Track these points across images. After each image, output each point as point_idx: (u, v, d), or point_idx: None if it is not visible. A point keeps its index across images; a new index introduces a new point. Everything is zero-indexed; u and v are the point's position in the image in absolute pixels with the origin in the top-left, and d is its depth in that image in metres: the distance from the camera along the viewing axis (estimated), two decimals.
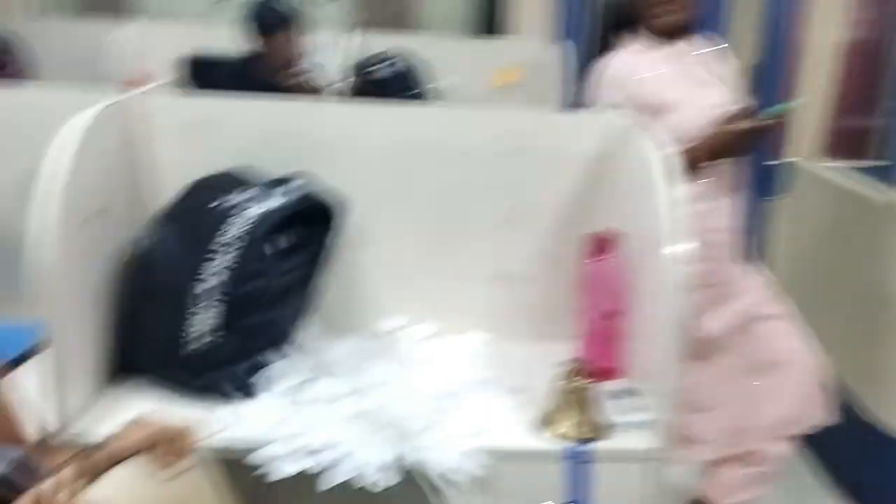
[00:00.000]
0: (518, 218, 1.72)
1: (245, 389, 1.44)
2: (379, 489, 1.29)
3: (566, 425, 1.39)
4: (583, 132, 1.70)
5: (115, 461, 1.07)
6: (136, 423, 1.11)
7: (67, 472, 0.85)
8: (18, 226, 1.69)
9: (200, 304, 1.40)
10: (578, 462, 1.36)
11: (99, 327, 1.50)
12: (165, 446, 1.08)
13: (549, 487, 1.38)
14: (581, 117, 1.86)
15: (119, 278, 1.56)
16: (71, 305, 1.37)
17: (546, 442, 1.39)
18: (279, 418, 1.39)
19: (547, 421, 1.42)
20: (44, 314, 1.30)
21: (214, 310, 1.41)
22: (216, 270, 1.41)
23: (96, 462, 1.07)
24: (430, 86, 2.68)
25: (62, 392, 1.34)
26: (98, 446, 1.08)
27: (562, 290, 1.72)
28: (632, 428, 1.41)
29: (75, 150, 1.35)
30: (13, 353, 1.55)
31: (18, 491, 0.81)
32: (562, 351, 1.59)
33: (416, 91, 2.60)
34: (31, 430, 1.17)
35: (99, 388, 1.50)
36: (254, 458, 1.31)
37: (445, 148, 1.69)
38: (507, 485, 1.37)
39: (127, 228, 1.62)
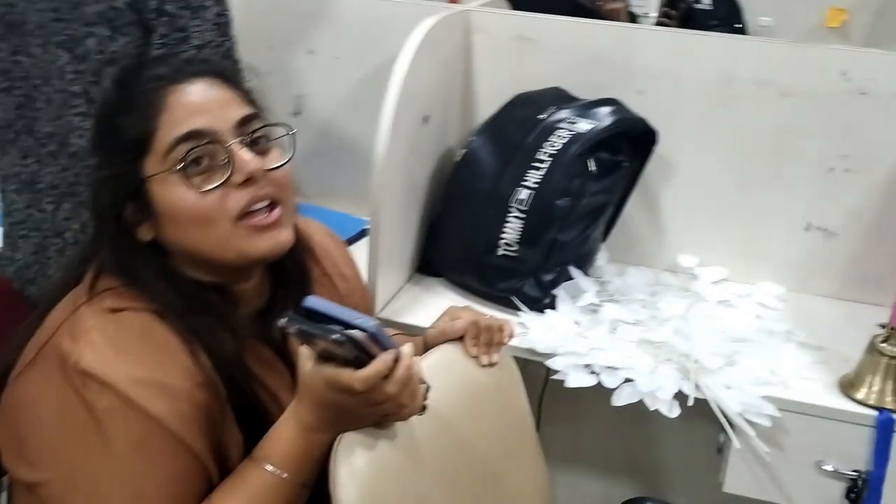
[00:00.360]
0: (846, 168, 1.59)
1: (542, 302, 1.49)
2: (672, 415, 1.29)
3: (874, 392, 1.30)
4: None
5: (444, 340, 1.15)
6: (462, 309, 1.19)
7: (407, 347, 0.92)
8: (357, 127, 1.87)
9: (511, 214, 1.46)
10: (886, 432, 1.27)
11: (413, 226, 1.62)
12: (486, 335, 1.15)
13: (844, 451, 1.30)
14: None
15: (436, 183, 1.66)
16: (394, 202, 1.49)
17: (850, 404, 1.31)
18: (573, 332, 1.43)
19: (850, 383, 1.33)
20: (373, 207, 1.41)
21: (521, 221, 1.46)
22: (530, 183, 1.45)
23: (429, 338, 1.17)
24: (755, 22, 2.53)
25: (377, 279, 1.46)
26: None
27: (883, 251, 1.59)
28: None
29: (412, 57, 1.44)
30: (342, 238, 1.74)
31: (369, 356, 0.87)
32: (871, 316, 1.47)
33: (738, 25, 2.46)
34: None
35: (404, 282, 1.62)
36: (551, 364, 1.36)
37: (770, 86, 1.60)
38: (800, 440, 1.31)
39: (448, 135, 1.73)
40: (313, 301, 0.87)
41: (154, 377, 0.89)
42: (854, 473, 1.30)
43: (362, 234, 1.78)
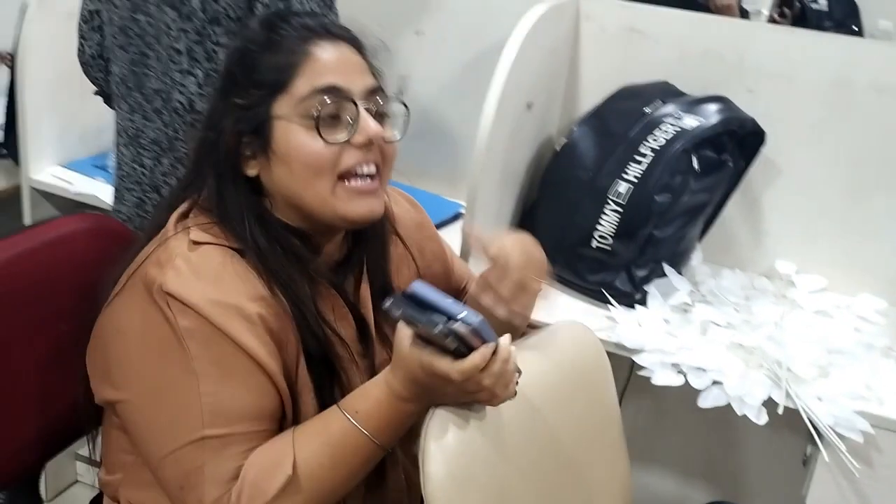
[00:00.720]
0: None
1: (633, 297, 1.48)
2: (760, 422, 1.26)
3: None
4: None
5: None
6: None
7: (505, 339, 0.92)
8: (458, 111, 1.89)
9: (608, 207, 1.45)
10: None
11: (508, 212, 1.62)
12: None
13: None
14: None
15: (533, 170, 1.67)
16: (491, 187, 1.49)
17: None
18: (662, 330, 1.41)
19: None
20: (470, 192, 1.42)
21: (618, 215, 1.45)
22: (630, 177, 1.44)
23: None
24: (873, 25, 2.43)
25: (468, 263, 1.46)
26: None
27: None
28: None
29: (520, 43, 1.44)
30: (435, 220, 1.76)
31: (469, 347, 0.88)
32: None
33: (854, 28, 2.37)
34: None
35: None
36: (639, 360, 1.35)
37: (889, 92, 1.54)
38: (892, 459, 1.27)
39: (550, 123, 1.72)
40: (419, 287, 0.89)
41: (232, 301, 0.94)
42: None
43: (455, 217, 1.80)
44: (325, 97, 0.97)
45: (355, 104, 0.98)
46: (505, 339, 0.92)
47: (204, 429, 0.93)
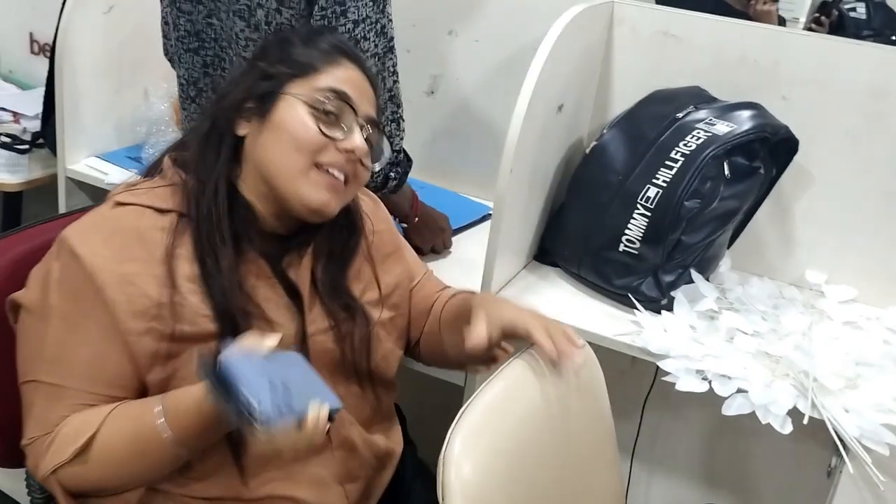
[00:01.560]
0: None
1: (659, 302, 1.47)
2: (785, 432, 1.25)
3: None
4: None
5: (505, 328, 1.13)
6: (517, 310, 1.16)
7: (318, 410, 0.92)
8: (486, 112, 1.89)
9: (637, 211, 1.45)
10: None
11: (536, 213, 1.62)
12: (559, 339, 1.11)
13: None
14: None
15: (562, 172, 1.66)
16: (520, 189, 1.49)
17: None
18: (688, 336, 1.41)
19: None
20: (498, 193, 1.42)
21: (647, 219, 1.45)
22: (660, 181, 1.44)
23: (478, 304, 1.17)
24: None
25: (494, 264, 1.47)
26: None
27: None
28: None
29: (553, 45, 1.43)
30: (464, 221, 1.77)
31: None
32: None
33: (894, 38, 2.35)
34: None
35: (520, 268, 1.64)
36: (664, 365, 1.34)
37: None
38: None
39: (580, 126, 1.72)
40: (229, 365, 0.89)
41: (124, 269, 1.00)
42: None
43: (484, 218, 1.80)
44: (338, 97, 1.08)
45: (356, 116, 1.09)
46: (315, 411, 0.90)
47: (40, 373, 1.01)
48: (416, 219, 1.58)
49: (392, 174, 1.43)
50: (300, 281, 1.12)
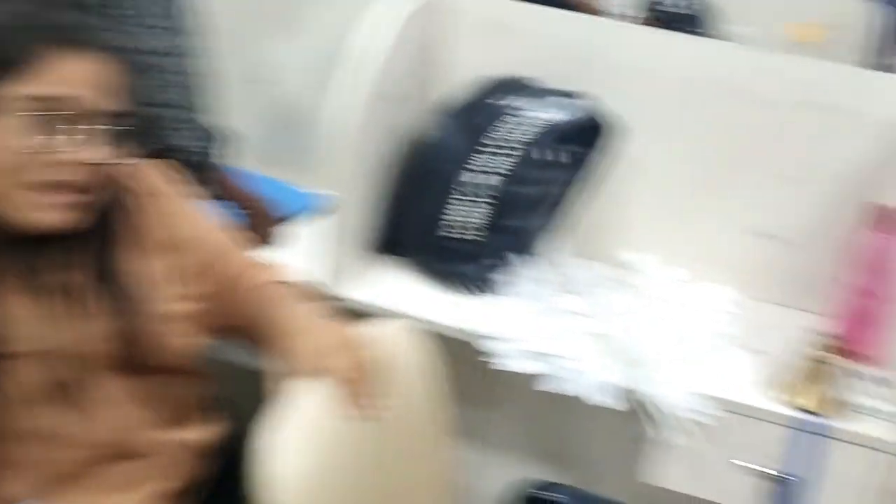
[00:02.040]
0: (796, 175, 1.62)
1: (484, 283, 1.50)
2: (605, 405, 1.30)
3: (806, 396, 1.33)
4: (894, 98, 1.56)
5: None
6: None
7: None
8: (312, 100, 1.85)
9: (466, 197, 1.46)
10: (812, 434, 1.31)
11: (376, 204, 1.61)
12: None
13: (775, 452, 1.34)
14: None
15: (399, 161, 1.66)
16: (356, 179, 1.48)
17: (782, 406, 1.34)
18: (518, 318, 1.44)
19: (786, 388, 1.36)
20: (334, 183, 1.40)
21: (477, 206, 1.46)
22: (492, 169, 1.46)
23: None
24: (721, 31, 2.54)
25: (337, 256, 1.45)
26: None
27: (825, 260, 1.61)
28: (878, 417, 1.33)
29: (385, 34, 1.42)
30: (291, 211, 1.72)
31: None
32: (812, 323, 1.52)
33: (704, 33, 2.47)
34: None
35: (365, 260, 1.62)
36: (485, 346, 1.37)
37: (738, 91, 1.61)
38: (732, 439, 1.34)
39: (413, 116, 1.72)
40: None
41: None
42: (775, 473, 1.33)
43: (311, 205, 1.76)
44: (52, 102, 0.93)
45: (82, 117, 0.94)
46: None
47: None
48: (239, 203, 1.53)
49: (194, 148, 1.37)
50: (72, 283, 1.00)
